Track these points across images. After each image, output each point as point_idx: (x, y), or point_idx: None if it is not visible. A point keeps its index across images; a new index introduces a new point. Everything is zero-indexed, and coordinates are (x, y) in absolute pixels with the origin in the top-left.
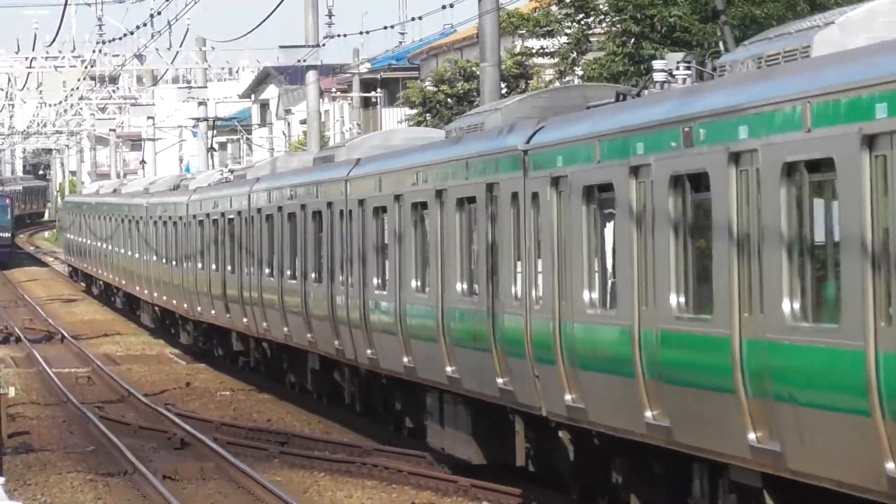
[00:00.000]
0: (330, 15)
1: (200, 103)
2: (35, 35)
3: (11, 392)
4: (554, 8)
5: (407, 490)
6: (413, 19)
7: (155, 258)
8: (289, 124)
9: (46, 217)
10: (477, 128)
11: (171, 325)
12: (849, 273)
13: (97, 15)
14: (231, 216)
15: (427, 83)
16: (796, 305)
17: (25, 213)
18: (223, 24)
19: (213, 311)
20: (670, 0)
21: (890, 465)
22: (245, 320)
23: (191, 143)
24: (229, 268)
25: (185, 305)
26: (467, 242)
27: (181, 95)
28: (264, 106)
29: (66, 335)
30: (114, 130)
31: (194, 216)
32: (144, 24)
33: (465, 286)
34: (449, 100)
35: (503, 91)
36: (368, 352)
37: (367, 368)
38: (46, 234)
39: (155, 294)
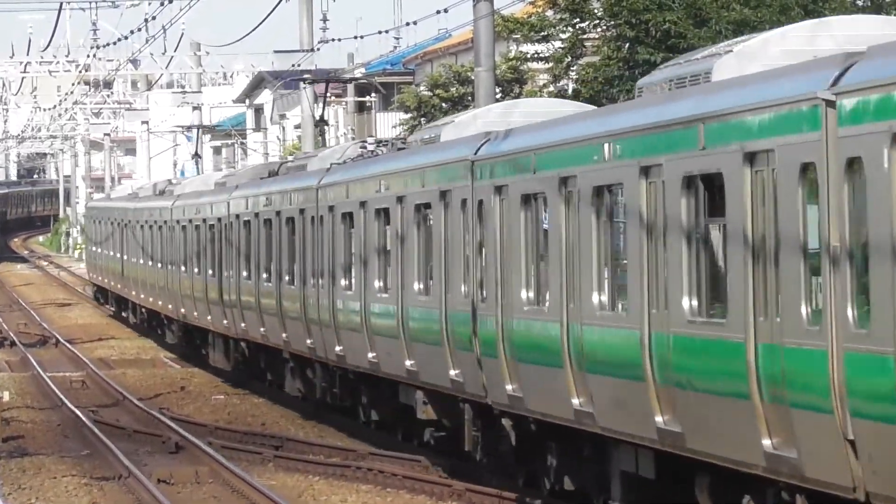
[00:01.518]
0: (325, 20)
1: (195, 108)
2: (29, 39)
3: (6, 396)
4: (549, 12)
5: (402, 494)
6: (408, 24)
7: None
8: (283, 129)
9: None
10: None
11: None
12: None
13: (92, 19)
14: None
15: (422, 88)
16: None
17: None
18: (218, 28)
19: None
20: (665, 5)
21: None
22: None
23: (185, 148)
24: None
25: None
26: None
27: (176, 100)
28: (259, 111)
29: (60, 339)
30: (108, 135)
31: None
32: (139, 29)
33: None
34: (444, 104)
35: (498, 96)
36: (337, 349)
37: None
38: (41, 238)
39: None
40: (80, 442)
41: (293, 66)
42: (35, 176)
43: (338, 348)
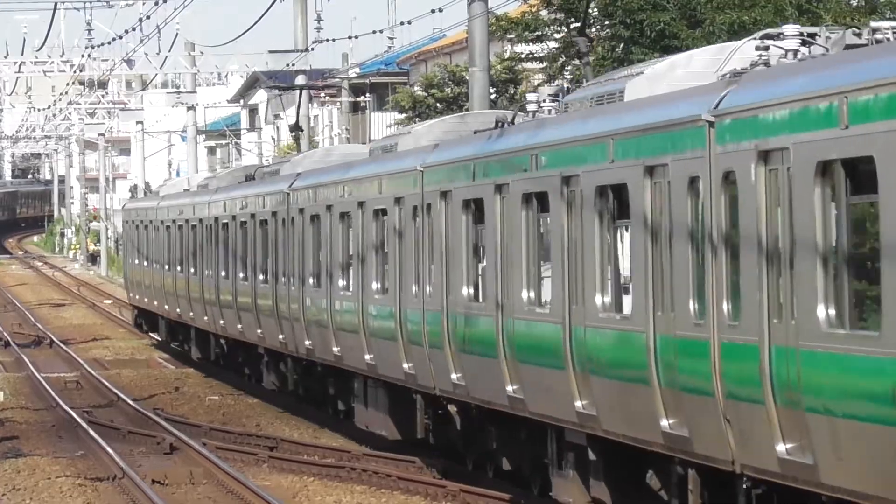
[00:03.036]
0: (319, 20)
1: (189, 108)
2: (24, 39)
3: (0, 397)
4: (543, 12)
5: (396, 495)
6: (402, 24)
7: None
8: (278, 129)
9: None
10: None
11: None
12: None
13: (86, 20)
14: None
15: (416, 88)
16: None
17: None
18: (212, 28)
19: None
20: (659, 6)
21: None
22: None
23: (180, 148)
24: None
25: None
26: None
27: (170, 100)
28: (253, 111)
29: (55, 340)
30: (103, 135)
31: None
32: (133, 29)
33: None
34: (438, 104)
35: (492, 96)
36: (307, 343)
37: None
38: (35, 238)
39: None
40: (74, 442)
41: (288, 66)
42: (30, 176)
43: (307, 342)
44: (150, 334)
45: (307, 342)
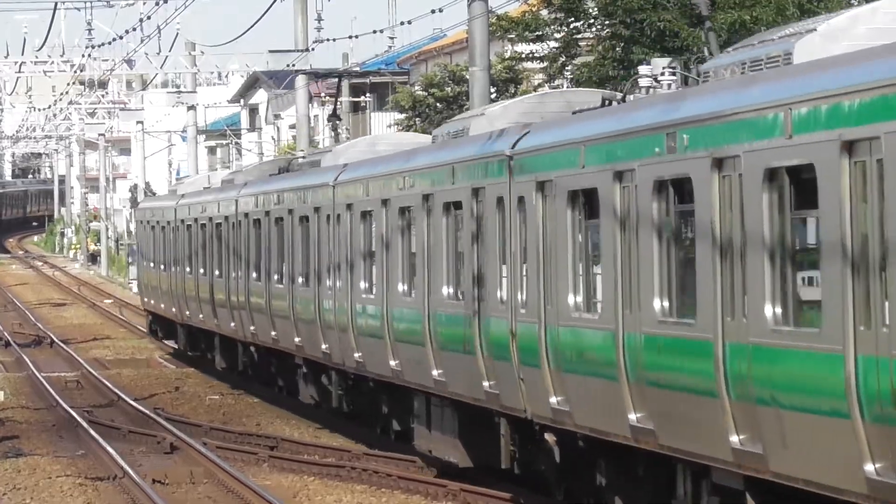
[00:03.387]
0: (319, 19)
1: (190, 108)
2: (24, 39)
3: (1, 396)
4: (543, 12)
5: (397, 494)
6: (402, 24)
7: None
8: (278, 129)
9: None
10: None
11: None
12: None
13: (86, 19)
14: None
15: (417, 87)
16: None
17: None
18: (212, 28)
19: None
20: (660, 4)
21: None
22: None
23: (180, 148)
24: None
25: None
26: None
27: (170, 100)
28: (253, 110)
29: (55, 339)
30: (103, 135)
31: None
32: (134, 29)
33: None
34: (439, 104)
35: (492, 95)
36: (356, 355)
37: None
38: (35, 237)
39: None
40: (74, 442)
41: (288, 65)
42: (30, 176)
43: (357, 355)
44: (166, 342)
45: (357, 354)
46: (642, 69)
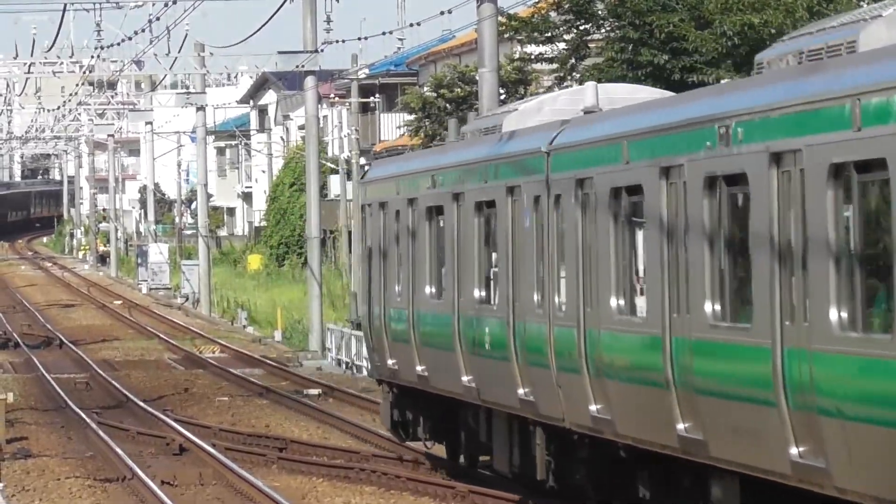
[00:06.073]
0: (328, 21)
1: (199, 109)
2: (33, 40)
3: (10, 398)
4: (553, 14)
5: (405, 496)
6: (412, 25)
7: None
8: (287, 130)
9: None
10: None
11: None
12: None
13: (96, 20)
14: None
15: (426, 88)
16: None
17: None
18: (222, 29)
19: None
20: (669, 7)
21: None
22: None
23: (189, 149)
24: None
25: None
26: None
27: (179, 101)
28: (263, 111)
29: (64, 340)
30: (112, 136)
31: None
32: (143, 30)
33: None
34: (448, 105)
35: (502, 96)
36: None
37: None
38: (45, 238)
39: None
40: (83, 443)
41: (297, 67)
42: (39, 176)
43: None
44: (427, 444)
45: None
46: None
